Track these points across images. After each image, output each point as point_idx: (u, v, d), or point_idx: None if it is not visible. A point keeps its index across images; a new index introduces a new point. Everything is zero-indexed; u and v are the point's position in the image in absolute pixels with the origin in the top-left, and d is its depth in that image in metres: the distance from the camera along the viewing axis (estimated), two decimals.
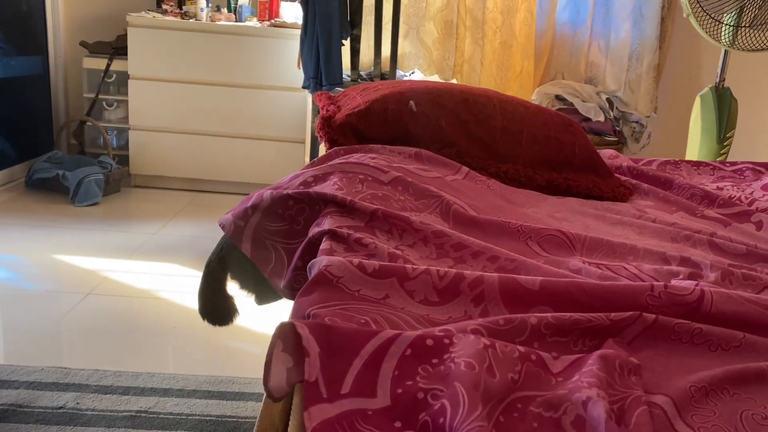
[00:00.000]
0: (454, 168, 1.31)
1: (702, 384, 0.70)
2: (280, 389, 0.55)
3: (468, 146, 1.42)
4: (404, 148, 1.33)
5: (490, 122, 1.44)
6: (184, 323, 2.04)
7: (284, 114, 3.40)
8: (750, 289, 1.01)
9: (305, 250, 0.95)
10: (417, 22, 3.39)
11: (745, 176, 1.73)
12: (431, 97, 1.43)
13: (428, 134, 1.40)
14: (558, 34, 3.63)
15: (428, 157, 1.31)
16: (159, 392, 1.65)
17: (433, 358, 0.63)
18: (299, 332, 0.57)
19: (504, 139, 1.45)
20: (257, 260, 1.02)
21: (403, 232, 0.94)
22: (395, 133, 1.39)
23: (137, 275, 2.36)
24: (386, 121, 1.38)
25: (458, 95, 1.45)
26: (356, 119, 1.38)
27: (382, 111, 1.39)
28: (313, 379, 0.56)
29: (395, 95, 1.42)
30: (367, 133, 1.39)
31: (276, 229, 1.07)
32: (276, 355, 0.56)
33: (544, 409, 0.61)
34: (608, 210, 1.36)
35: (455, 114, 1.42)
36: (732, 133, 2.41)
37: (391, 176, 1.13)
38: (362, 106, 1.39)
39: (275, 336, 0.58)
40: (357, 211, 0.98)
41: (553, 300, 0.83)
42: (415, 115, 1.39)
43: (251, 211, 1.08)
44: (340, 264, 0.77)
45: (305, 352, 0.57)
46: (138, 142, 3.43)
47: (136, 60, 3.33)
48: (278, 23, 3.43)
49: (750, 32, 2.24)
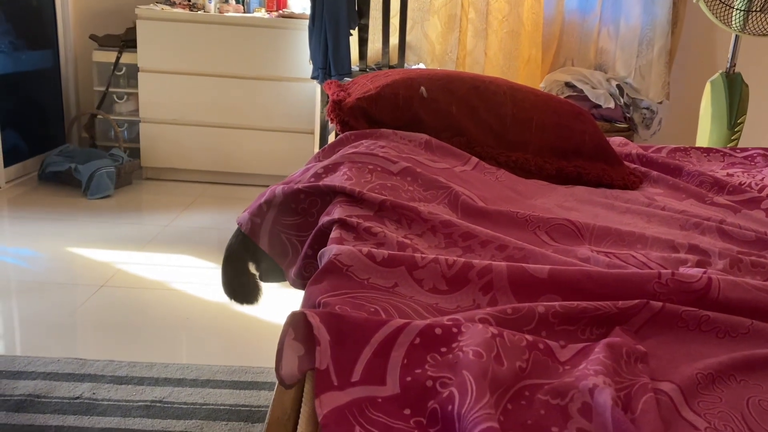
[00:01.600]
0: (463, 159, 1.31)
1: (709, 371, 0.71)
2: (291, 376, 0.57)
3: (478, 134, 1.42)
4: (414, 134, 1.34)
5: (500, 109, 1.45)
6: (197, 314, 2.06)
7: (293, 105, 3.41)
8: (758, 276, 1.01)
9: (315, 239, 0.96)
10: (422, 16, 3.39)
11: (756, 162, 1.72)
12: (442, 83, 1.43)
13: (438, 121, 1.40)
14: (567, 21, 3.61)
15: (438, 146, 1.32)
16: (173, 382, 1.68)
17: (441, 346, 0.64)
18: (310, 321, 0.59)
19: (514, 126, 1.45)
20: (275, 255, 1.04)
21: (411, 222, 0.95)
22: (406, 118, 1.40)
23: (150, 267, 2.39)
24: (397, 107, 1.39)
25: (469, 82, 1.46)
26: (367, 103, 1.39)
27: (393, 96, 1.39)
28: (323, 367, 0.57)
29: (406, 81, 1.42)
30: (377, 118, 1.39)
31: (291, 223, 1.08)
32: (287, 344, 0.57)
33: (551, 397, 0.62)
34: (617, 198, 1.36)
35: (465, 101, 1.42)
36: (743, 119, 2.39)
37: (400, 167, 1.14)
38: (373, 91, 1.40)
39: (287, 324, 0.59)
40: (366, 201, 0.99)
41: (562, 288, 0.83)
42: (426, 101, 1.40)
43: (266, 207, 1.10)
44: (350, 253, 0.78)
45: (316, 340, 0.58)
46: (149, 134, 3.45)
47: (146, 52, 3.35)
48: (286, 14, 3.43)
49: (761, 16, 2.22)
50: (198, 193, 3.36)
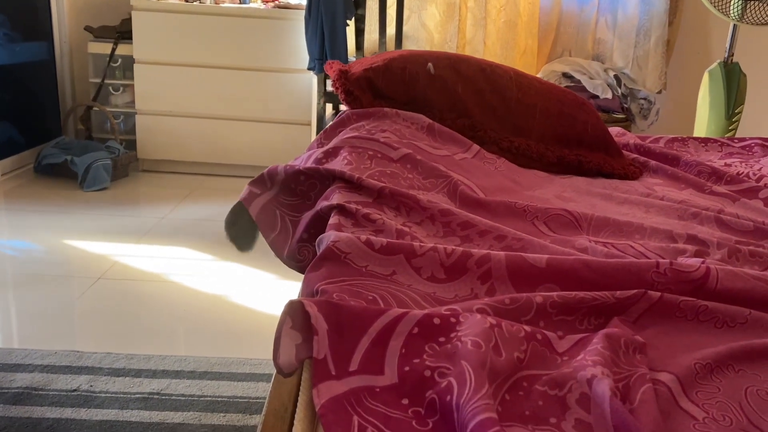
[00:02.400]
0: (464, 146, 1.31)
1: (707, 361, 0.70)
2: (289, 365, 0.56)
3: (482, 116, 1.42)
4: (417, 116, 1.33)
5: (505, 93, 1.45)
6: (194, 306, 2.06)
7: (290, 96, 3.40)
8: (756, 266, 1.01)
9: (312, 222, 0.96)
10: (419, 5, 3.37)
11: (753, 152, 1.72)
12: (450, 62, 1.43)
13: (444, 99, 1.40)
14: (564, 11, 3.59)
15: (440, 131, 1.31)
16: (171, 374, 1.68)
17: (440, 336, 0.64)
18: (308, 310, 0.58)
19: (518, 110, 1.45)
20: (261, 224, 1.04)
21: (410, 210, 0.95)
22: (412, 93, 1.39)
23: (147, 259, 2.39)
24: (403, 81, 1.39)
25: (475, 65, 1.46)
26: (374, 74, 1.38)
27: (400, 69, 1.39)
28: (321, 356, 0.57)
29: (414, 57, 1.42)
30: (383, 91, 1.39)
31: (287, 202, 1.08)
32: (285, 332, 0.57)
33: (549, 388, 0.62)
34: (616, 189, 1.36)
35: (472, 82, 1.42)
36: (741, 109, 2.39)
37: (400, 153, 1.14)
38: (380, 63, 1.40)
39: (284, 313, 0.59)
40: (365, 188, 0.98)
41: (560, 277, 0.83)
42: (433, 78, 1.39)
43: (269, 181, 1.10)
44: (348, 240, 0.78)
45: (314, 330, 0.57)
46: (145, 126, 3.44)
47: (141, 44, 3.33)
48: (282, 4, 3.41)
49: (759, 5, 2.21)
50: (195, 184, 3.35)
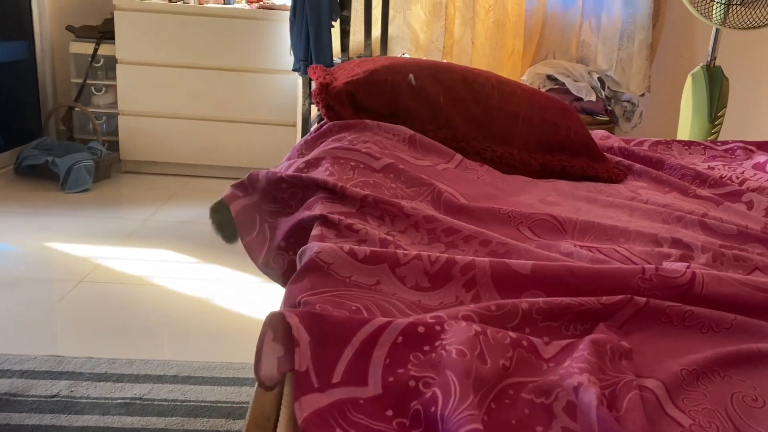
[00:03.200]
0: (446, 156, 1.30)
1: (693, 367, 0.70)
2: (271, 378, 0.55)
3: (464, 126, 1.41)
4: (399, 128, 1.32)
5: (487, 102, 1.44)
6: (178, 309, 2.04)
7: (275, 97, 3.38)
8: (741, 270, 1.01)
9: (291, 231, 0.95)
10: (403, 5, 3.36)
11: (736, 155, 1.73)
12: (431, 72, 1.42)
13: (425, 110, 1.39)
14: (549, 13, 3.60)
15: (422, 142, 1.31)
16: (153, 379, 1.65)
17: (424, 345, 0.63)
18: (289, 322, 0.57)
19: (501, 119, 1.44)
20: (240, 224, 1.02)
21: (394, 218, 0.94)
22: (393, 106, 1.38)
23: (130, 262, 2.36)
24: (384, 93, 1.37)
25: (457, 74, 1.45)
26: (354, 88, 1.37)
27: (381, 82, 1.38)
28: (303, 368, 0.56)
29: (395, 67, 1.41)
30: (364, 103, 1.38)
31: (268, 209, 1.07)
32: (267, 344, 0.56)
33: (536, 396, 0.62)
34: (600, 192, 1.36)
35: (453, 91, 1.41)
36: (723, 112, 2.40)
37: (382, 163, 1.13)
38: (361, 75, 1.38)
39: (265, 325, 0.58)
40: (348, 197, 0.97)
41: (545, 284, 0.83)
42: (414, 89, 1.38)
43: (251, 188, 1.09)
44: (331, 250, 0.77)
45: (295, 341, 0.56)
46: (128, 127, 3.40)
47: (124, 44, 3.29)
48: (267, 5, 3.39)
49: (741, 10, 2.23)
50: (178, 186, 3.32)
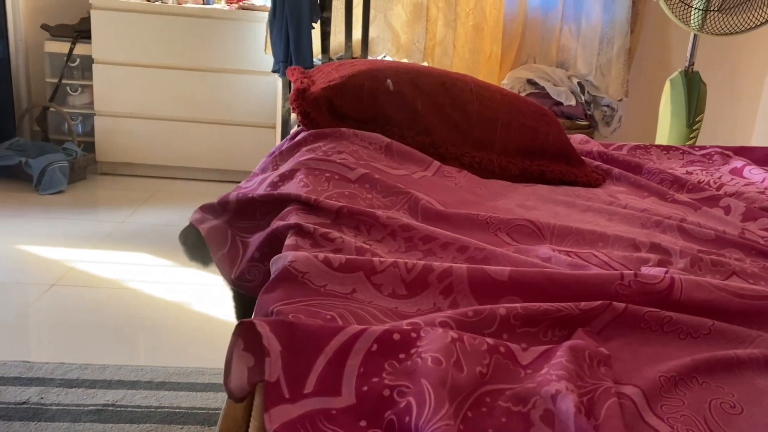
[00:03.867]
0: (423, 164, 1.28)
1: (671, 373, 0.70)
2: (241, 389, 0.53)
3: (443, 132, 1.40)
4: (375, 136, 1.30)
5: (466, 107, 1.43)
6: (153, 314, 2.00)
7: (254, 98, 3.35)
8: (718, 275, 1.01)
9: (265, 242, 0.93)
10: (384, 5, 3.35)
11: (713, 160, 1.74)
12: (409, 77, 1.40)
13: (404, 116, 1.37)
14: (529, 18, 3.62)
15: (399, 150, 1.29)
16: (127, 385, 1.62)
17: (400, 353, 0.62)
18: (259, 331, 0.55)
19: (480, 124, 1.43)
20: (210, 241, 1.00)
21: (370, 227, 0.92)
22: (371, 111, 1.36)
23: (105, 265, 2.31)
24: (362, 99, 1.35)
25: (436, 78, 1.43)
26: (331, 93, 1.35)
27: (359, 87, 1.36)
28: (274, 379, 0.54)
29: (373, 72, 1.39)
30: (341, 109, 1.36)
31: (242, 225, 1.05)
32: (236, 355, 0.54)
33: (513, 404, 0.60)
34: (579, 197, 1.36)
35: (432, 96, 1.40)
36: (701, 118, 2.42)
37: (358, 174, 1.11)
38: (338, 80, 1.36)
39: (235, 335, 0.56)
40: (322, 209, 0.96)
41: (522, 290, 0.82)
42: (392, 95, 1.36)
43: (221, 210, 1.06)
44: (305, 259, 0.75)
45: (266, 351, 0.55)
46: (104, 128, 3.35)
47: (101, 44, 3.25)
48: (247, 5, 3.36)
49: (718, 16, 2.25)
50: (155, 188, 3.28)
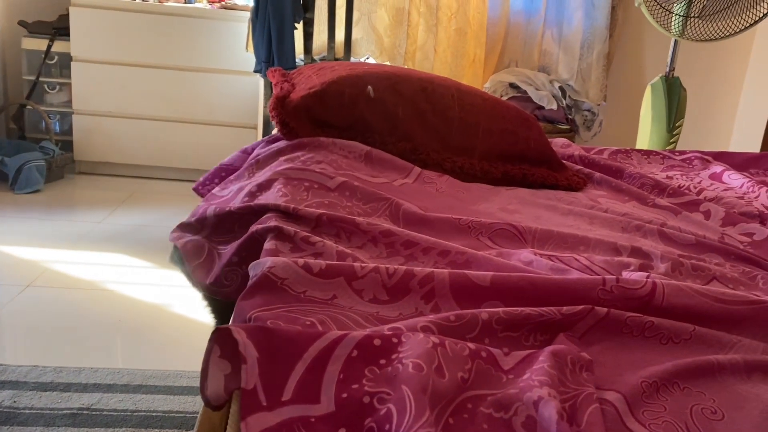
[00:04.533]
0: (404, 171, 1.27)
1: (653, 379, 0.69)
2: (218, 397, 0.52)
3: (424, 138, 1.39)
4: (354, 145, 1.28)
5: (447, 113, 1.42)
6: (130, 316, 1.97)
7: (235, 98, 3.32)
8: (699, 280, 1.01)
9: (243, 245, 0.91)
10: (369, 8, 3.34)
11: (693, 165, 1.75)
12: (390, 83, 1.39)
13: (384, 123, 1.36)
14: (512, 22, 3.63)
15: (378, 158, 1.27)
16: (103, 388, 1.59)
17: (380, 358, 0.61)
18: (236, 337, 0.54)
19: (461, 130, 1.43)
20: (186, 253, 0.98)
21: (351, 234, 0.91)
22: (351, 118, 1.35)
23: (81, 266, 2.28)
24: (342, 106, 1.34)
25: (417, 83, 1.42)
26: (312, 101, 1.33)
27: (339, 94, 1.34)
28: (250, 386, 0.52)
29: (353, 78, 1.37)
30: (321, 117, 1.34)
31: (220, 239, 1.04)
32: (213, 361, 0.53)
33: (495, 410, 0.60)
34: (560, 200, 1.36)
35: (413, 103, 1.39)
36: (681, 123, 2.44)
37: (337, 182, 1.10)
38: (318, 87, 1.34)
39: (211, 341, 0.54)
40: (302, 218, 0.94)
41: (504, 295, 0.81)
42: (372, 101, 1.35)
43: (198, 226, 1.05)
44: (285, 265, 0.74)
45: (242, 358, 0.53)
46: (82, 127, 3.30)
47: (80, 41, 3.20)
48: (229, 5, 3.34)
49: (698, 23, 2.27)
50: (134, 188, 3.24)
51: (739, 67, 3.66)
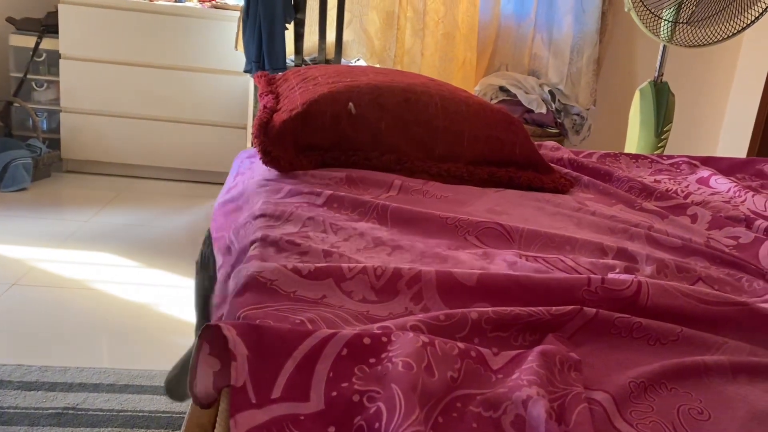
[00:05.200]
0: (386, 186, 1.26)
1: (641, 379, 0.70)
2: (207, 395, 0.52)
3: (408, 148, 1.38)
4: (334, 173, 1.27)
5: (431, 122, 1.41)
6: (117, 315, 1.96)
7: (225, 98, 3.31)
8: (685, 281, 1.02)
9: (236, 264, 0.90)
10: (360, 10, 3.34)
11: (681, 170, 1.77)
12: (372, 97, 1.38)
13: (367, 138, 1.35)
14: (503, 26, 3.64)
15: (359, 178, 1.26)
16: (88, 387, 1.58)
17: (370, 357, 0.61)
18: (225, 335, 0.54)
19: (446, 139, 1.42)
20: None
21: (338, 229, 0.91)
22: (334, 138, 1.34)
23: (68, 265, 2.26)
24: (324, 127, 1.33)
25: (399, 94, 1.41)
26: (294, 125, 1.32)
27: (320, 114, 1.33)
28: (240, 384, 0.52)
29: (334, 95, 1.35)
30: (304, 140, 1.32)
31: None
32: (202, 359, 0.52)
33: (484, 409, 0.60)
34: (548, 202, 1.37)
35: (396, 114, 1.38)
36: (669, 127, 2.46)
37: (325, 197, 1.11)
38: (299, 108, 1.33)
39: (201, 338, 0.54)
40: (290, 222, 0.94)
41: (491, 295, 0.82)
42: (355, 118, 1.34)
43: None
44: (273, 268, 0.74)
45: (232, 355, 0.53)
46: (70, 125, 3.28)
47: (68, 39, 3.18)
48: (220, 5, 3.32)
49: (687, 28, 2.29)
50: (122, 187, 3.22)
51: (726, 73, 3.69)
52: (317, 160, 1.30)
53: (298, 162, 1.27)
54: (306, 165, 1.26)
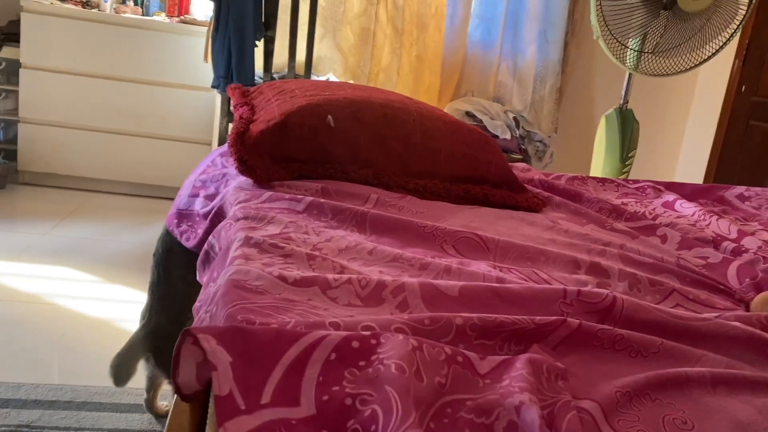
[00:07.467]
0: (363, 198, 1.25)
1: (627, 389, 0.70)
2: (189, 386, 0.49)
3: (386, 163, 1.38)
4: (310, 183, 1.26)
5: (409, 138, 1.42)
6: (75, 330, 1.89)
7: (190, 113, 3.27)
8: (658, 294, 1.04)
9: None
10: (334, 26, 3.35)
11: (647, 194, 1.80)
12: (351, 111, 1.37)
13: (345, 152, 1.34)
14: (470, 53, 3.70)
15: (336, 191, 1.25)
16: (44, 404, 1.51)
17: (359, 360, 0.59)
18: (204, 347, 0.51)
19: (423, 155, 1.43)
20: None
21: (321, 232, 0.90)
22: (312, 150, 1.33)
23: (24, 278, 2.18)
24: (302, 138, 1.32)
25: (378, 109, 1.41)
26: (271, 135, 1.30)
27: (298, 126, 1.32)
28: (225, 392, 0.50)
29: (313, 108, 1.34)
30: (281, 151, 1.30)
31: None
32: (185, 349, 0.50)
33: (476, 415, 0.59)
34: (522, 220, 1.37)
35: (374, 129, 1.38)
36: (633, 153, 2.52)
37: (305, 203, 1.10)
38: (277, 119, 1.31)
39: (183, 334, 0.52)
40: (272, 224, 0.93)
41: (472, 305, 0.82)
42: (333, 131, 1.33)
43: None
44: (258, 274, 0.72)
45: (212, 366, 0.50)
46: (28, 136, 3.19)
47: (30, 48, 3.10)
48: (188, 20, 3.30)
49: (652, 58, 2.36)
50: (81, 201, 3.13)
51: (684, 101, 3.82)
52: (294, 172, 1.28)
53: (275, 172, 1.25)
54: (283, 176, 1.24)
